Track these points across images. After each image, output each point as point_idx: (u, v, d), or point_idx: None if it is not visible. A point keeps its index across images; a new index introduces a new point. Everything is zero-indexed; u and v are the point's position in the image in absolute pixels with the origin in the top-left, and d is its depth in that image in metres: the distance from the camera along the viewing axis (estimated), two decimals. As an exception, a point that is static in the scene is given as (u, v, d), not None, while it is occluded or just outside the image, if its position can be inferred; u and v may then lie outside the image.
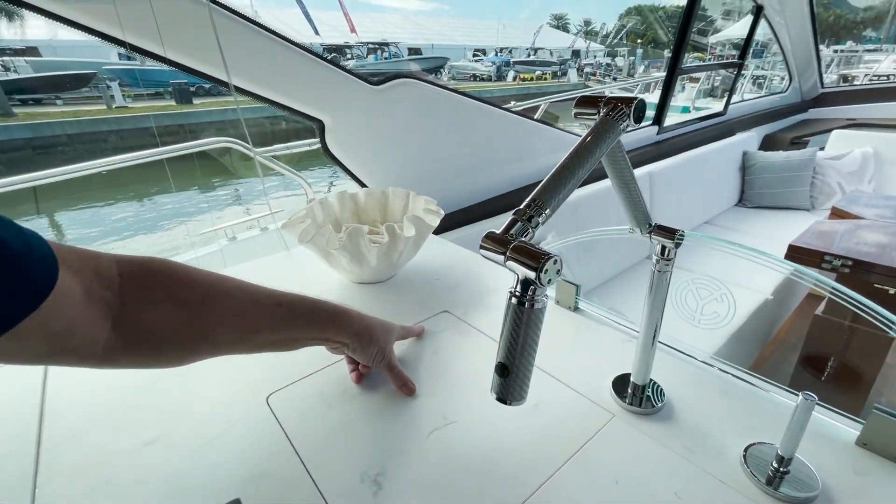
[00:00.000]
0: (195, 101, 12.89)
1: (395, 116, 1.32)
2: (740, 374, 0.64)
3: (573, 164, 0.36)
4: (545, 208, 0.34)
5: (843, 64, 19.45)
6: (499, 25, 42.49)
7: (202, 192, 6.73)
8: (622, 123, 0.38)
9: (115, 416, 0.61)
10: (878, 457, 0.50)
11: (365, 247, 0.84)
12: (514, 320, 0.33)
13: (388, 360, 0.65)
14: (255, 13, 1.37)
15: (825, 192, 2.87)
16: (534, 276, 0.31)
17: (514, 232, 0.33)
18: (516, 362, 0.34)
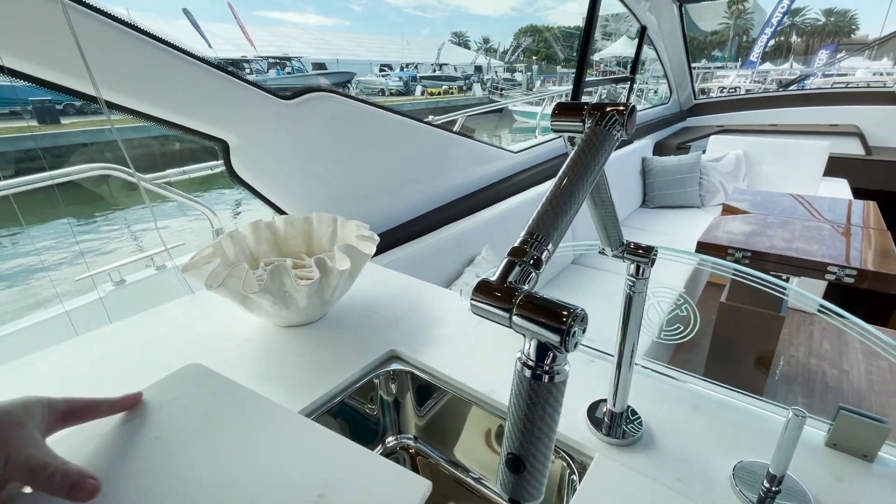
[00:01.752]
0: (63, 122, 11.25)
1: (311, 133, 1.20)
2: (705, 384, 0.63)
3: (571, 185, 0.30)
4: (547, 243, 0.27)
5: (700, 79, 22.63)
6: (402, 41, 43.10)
7: (82, 225, 5.81)
8: (616, 132, 0.33)
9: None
10: (849, 456, 0.51)
11: (291, 286, 0.72)
12: (529, 398, 0.25)
13: (26, 458, 0.36)
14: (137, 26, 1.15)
15: (710, 190, 3.23)
16: (558, 340, 0.23)
17: (514, 279, 0.26)
18: (533, 452, 0.26)
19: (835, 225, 1.93)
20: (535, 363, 0.24)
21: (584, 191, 0.30)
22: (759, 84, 18.84)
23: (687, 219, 2.98)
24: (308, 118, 1.17)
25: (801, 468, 0.49)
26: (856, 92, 4.16)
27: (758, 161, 3.36)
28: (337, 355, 0.73)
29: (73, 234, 5.16)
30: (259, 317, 0.81)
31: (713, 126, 4.45)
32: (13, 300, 4.31)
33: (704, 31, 58.93)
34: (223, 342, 0.78)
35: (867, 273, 1.41)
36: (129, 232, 5.69)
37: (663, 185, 3.25)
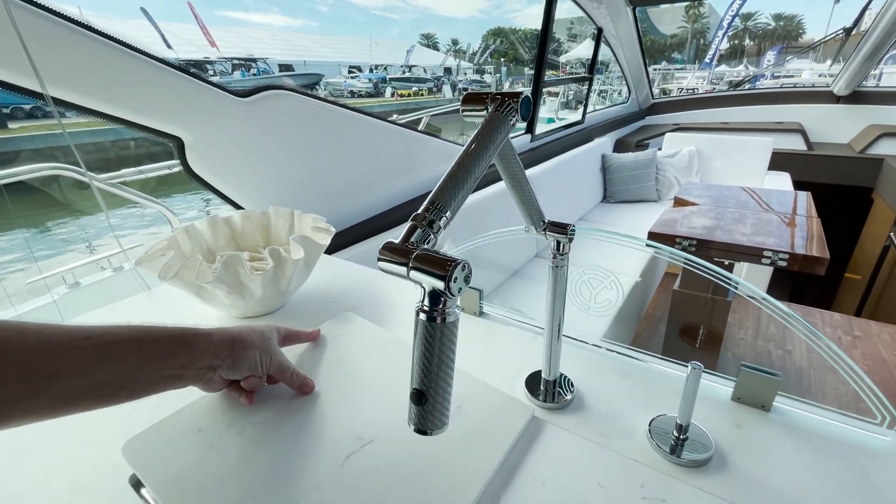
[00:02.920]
0: (11, 126, 10.67)
1: (269, 131, 1.21)
2: (634, 353, 0.69)
3: (469, 162, 0.34)
4: (445, 211, 0.32)
5: (662, 80, 23.53)
6: (371, 43, 42.85)
7: (36, 233, 5.53)
8: (511, 118, 0.38)
9: None
10: (750, 407, 0.57)
11: (246, 276, 0.74)
12: (425, 339, 0.29)
13: (279, 362, 0.56)
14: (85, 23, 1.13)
15: (666, 185, 3.38)
16: (443, 286, 0.27)
17: (415, 240, 0.30)
18: (433, 386, 0.30)
19: (775, 213, 2.07)
20: (430, 308, 0.29)
21: (480, 167, 0.35)
22: (716, 85, 19.73)
23: (644, 212, 3.12)
24: (265, 116, 1.19)
25: (709, 420, 0.55)
26: (799, 91, 4.44)
27: (709, 157, 3.54)
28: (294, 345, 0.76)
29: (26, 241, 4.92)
30: (216, 309, 0.82)
31: (670, 124, 4.65)
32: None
33: (664, 35, 61.14)
34: (180, 335, 0.79)
35: (797, 256, 1.53)
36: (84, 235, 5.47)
37: (622, 181, 3.38)
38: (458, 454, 0.51)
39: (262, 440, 0.52)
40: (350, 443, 0.52)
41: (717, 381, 0.62)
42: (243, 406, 0.57)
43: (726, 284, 0.63)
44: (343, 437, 0.53)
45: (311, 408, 0.58)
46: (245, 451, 0.51)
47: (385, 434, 0.53)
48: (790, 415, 0.56)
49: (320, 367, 0.65)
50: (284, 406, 0.58)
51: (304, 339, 0.70)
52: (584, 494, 0.47)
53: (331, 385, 0.61)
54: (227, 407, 0.57)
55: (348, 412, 0.57)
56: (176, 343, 0.48)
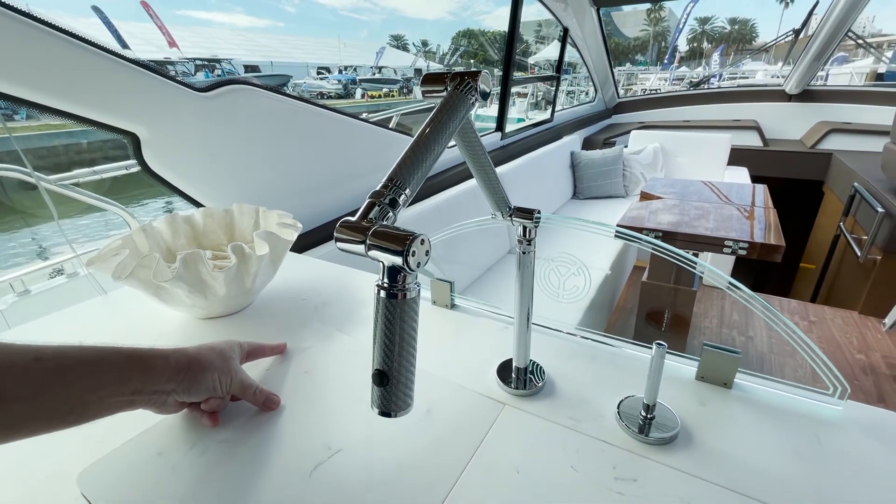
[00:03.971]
0: None
1: (231, 127, 1.17)
2: (603, 339, 0.70)
3: (429, 139, 0.34)
4: (405, 188, 0.31)
5: (626, 81, 24.23)
6: (340, 44, 42.36)
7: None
8: (471, 97, 0.37)
9: None
10: (713, 385, 0.59)
11: (207, 273, 0.71)
12: (386, 316, 0.29)
13: (240, 380, 0.55)
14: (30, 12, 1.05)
15: (633, 180, 3.48)
16: (401, 261, 0.27)
17: (373, 216, 0.29)
18: (395, 365, 0.29)
19: (734, 205, 2.16)
20: (389, 285, 0.28)
21: (440, 144, 0.34)
22: (677, 85, 20.46)
23: (613, 207, 3.19)
24: (227, 111, 1.15)
25: (675, 399, 0.57)
26: (754, 91, 4.64)
27: (673, 153, 3.66)
28: (261, 340, 0.73)
29: (-30, 252, 4.60)
30: (177, 310, 0.79)
31: (635, 123, 4.79)
32: None
33: (628, 37, 62.97)
34: (139, 338, 0.75)
35: (756, 245, 1.60)
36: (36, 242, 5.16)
37: (591, 178, 3.46)
38: (430, 457, 0.50)
39: (226, 458, 0.50)
40: (317, 453, 0.50)
41: (683, 361, 0.63)
42: (206, 426, 0.55)
43: (692, 269, 0.64)
44: (310, 448, 0.51)
45: (277, 421, 0.56)
46: (208, 471, 0.49)
47: (353, 442, 0.52)
48: (750, 390, 0.58)
49: (286, 380, 0.63)
50: (249, 422, 0.56)
51: (269, 353, 0.67)
52: (558, 478, 0.47)
53: (297, 397, 0.60)
54: (189, 427, 0.55)
55: (315, 423, 0.55)
56: (131, 367, 0.45)
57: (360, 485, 0.47)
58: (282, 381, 0.63)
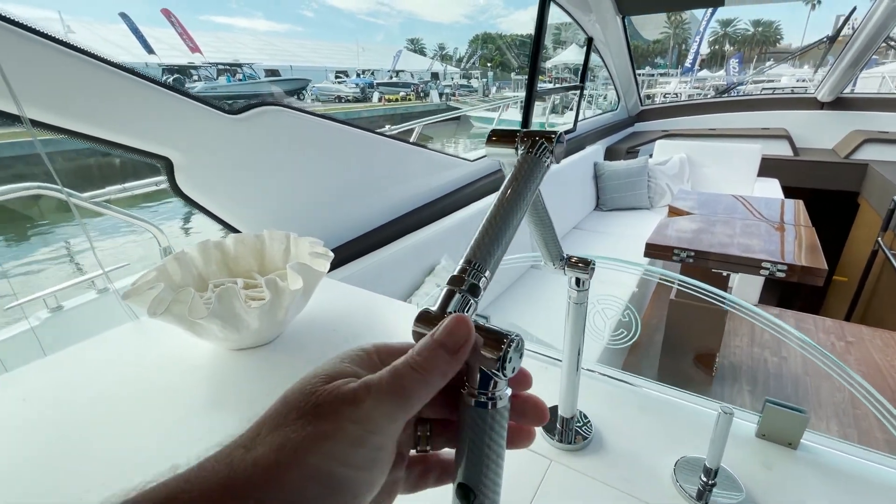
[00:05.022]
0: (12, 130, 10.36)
1: (261, 148, 1.17)
2: (651, 385, 0.66)
3: (506, 214, 0.31)
4: (484, 271, 0.28)
5: (646, 86, 23.93)
6: (358, 48, 42.83)
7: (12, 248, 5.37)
8: (546, 160, 0.34)
9: None
10: (776, 445, 0.55)
11: (241, 308, 0.70)
12: (474, 426, 0.26)
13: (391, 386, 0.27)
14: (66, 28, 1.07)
15: (658, 192, 3.40)
16: (496, 367, 0.24)
17: (453, 307, 0.26)
18: (483, 481, 0.26)
19: (768, 223, 2.08)
20: (479, 391, 0.25)
21: (518, 217, 0.31)
22: (699, 90, 20.08)
23: (637, 220, 3.13)
24: (257, 132, 1.15)
25: (734, 458, 0.53)
26: (783, 98, 4.52)
27: (700, 163, 3.58)
28: (292, 377, 0.71)
29: (2, 256, 4.75)
30: (209, 342, 0.78)
31: (659, 131, 4.70)
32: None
33: (647, 40, 62.20)
34: (171, 370, 0.74)
35: (796, 268, 1.54)
36: (69, 253, 5.30)
37: (614, 189, 3.39)
38: None
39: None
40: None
41: (741, 415, 0.59)
42: None
43: (720, 303, 0.61)
44: None
45: None
46: None
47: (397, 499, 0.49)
48: (819, 453, 0.54)
49: None
50: None
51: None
52: (613, 550, 0.44)
53: None
54: None
55: None
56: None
57: None
58: None
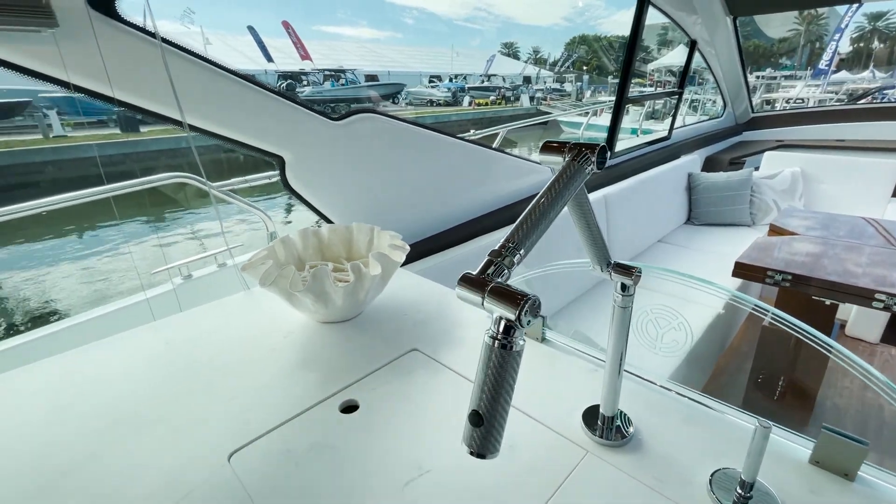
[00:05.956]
0: (142, 130, 12.38)
1: (357, 151, 1.32)
2: (701, 398, 0.67)
3: (545, 206, 0.38)
4: (519, 249, 0.36)
5: (764, 90, 21.43)
6: (452, 53, 43.89)
7: (155, 227, 6.40)
8: (587, 168, 0.40)
9: (59, 493, 0.55)
10: (830, 474, 0.53)
11: (330, 287, 0.82)
12: (491, 364, 0.33)
13: None
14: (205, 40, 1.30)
15: (763, 208, 3.10)
16: (514, 317, 0.31)
17: (490, 273, 0.34)
18: (492, 410, 0.33)
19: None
20: (500, 336, 0.33)
21: (555, 211, 0.38)
22: (833, 95, 17.52)
23: (734, 237, 2.88)
24: (354, 137, 1.30)
25: (780, 480, 0.53)
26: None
27: (816, 179, 3.19)
28: (365, 350, 0.83)
29: (154, 232, 5.71)
30: (302, 313, 0.92)
31: (772, 141, 4.25)
32: (102, 289, 4.96)
33: (772, 39, 55.53)
34: (272, 333, 0.90)
35: (919, 302, 1.34)
36: (192, 232, 6.21)
37: (710, 202, 3.16)
38: (510, 492, 0.53)
39: (334, 462, 0.59)
40: (410, 470, 0.57)
41: (795, 439, 0.58)
42: (325, 429, 0.62)
43: (821, 347, 0.58)
44: (405, 464, 0.58)
45: (380, 433, 0.63)
46: (319, 471, 0.57)
47: (442, 465, 0.57)
48: (879, 488, 0.51)
49: (391, 399, 0.70)
50: (357, 433, 0.63)
51: None
52: (635, 538, 0.47)
53: (397, 417, 0.66)
54: (314, 428, 0.64)
55: (411, 442, 0.61)
56: None
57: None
58: (386, 400, 0.70)
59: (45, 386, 0.75)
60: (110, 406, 0.69)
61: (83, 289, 5.09)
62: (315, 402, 0.70)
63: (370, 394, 0.72)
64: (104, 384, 0.75)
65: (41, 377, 0.77)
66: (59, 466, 0.58)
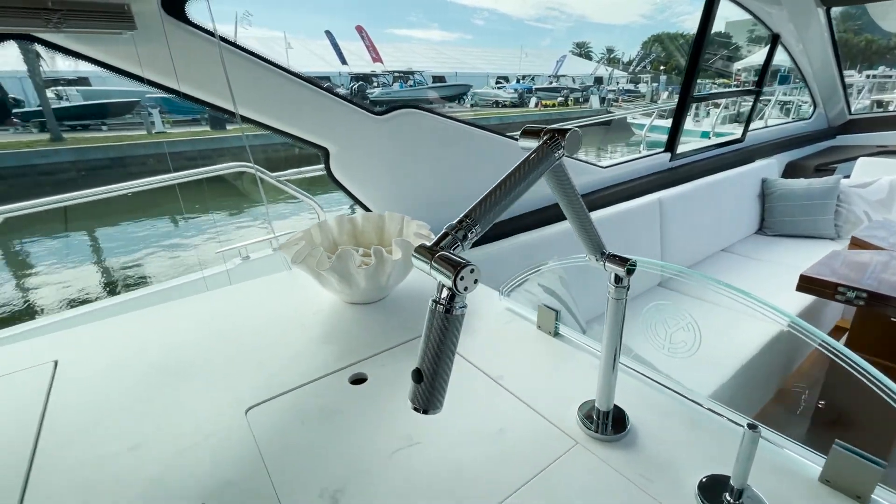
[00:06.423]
0: (228, 127, 13.54)
1: (397, 144, 1.38)
2: (706, 402, 0.63)
3: (506, 186, 0.39)
4: (476, 225, 0.37)
5: (877, 89, 18.96)
6: (521, 54, 43.37)
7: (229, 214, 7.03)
8: (556, 152, 0.41)
9: (108, 423, 0.65)
10: (840, 494, 0.49)
11: (354, 268, 0.88)
12: (435, 327, 0.36)
13: None
14: (287, 45, 1.43)
15: (851, 220, 2.77)
16: (450, 283, 0.33)
17: (444, 245, 0.36)
18: (431, 368, 0.36)
19: None
20: (441, 300, 0.35)
21: (517, 191, 0.39)
22: (963, 96, 15.11)
23: (813, 250, 2.60)
24: (396, 131, 1.35)
25: (785, 497, 0.49)
26: None
27: (921, 190, 2.79)
28: (383, 330, 0.88)
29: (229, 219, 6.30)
30: (331, 292, 0.99)
31: (871, 146, 3.78)
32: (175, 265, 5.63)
33: (889, 33, 49.01)
34: (304, 309, 0.97)
35: None
36: (253, 220, 6.79)
37: (787, 211, 2.88)
38: (490, 471, 0.55)
39: (336, 426, 0.63)
40: (400, 440, 0.60)
41: (807, 455, 0.54)
42: (334, 396, 0.67)
43: (888, 396, 0.51)
44: (397, 434, 0.61)
45: (379, 407, 0.67)
46: (322, 432, 0.62)
47: (432, 439, 0.60)
48: (894, 515, 0.46)
49: (400, 376, 0.74)
50: (362, 402, 0.68)
51: None
52: (608, 528, 0.47)
53: (399, 393, 0.70)
54: (322, 396, 0.70)
55: (407, 415, 0.64)
56: None
57: (426, 475, 0.55)
58: (395, 377, 0.74)
59: (114, 338, 0.87)
60: (160, 359, 0.80)
61: (167, 263, 5.83)
62: (329, 372, 0.75)
63: (380, 369, 0.76)
64: (156, 341, 0.86)
65: (113, 332, 0.90)
66: (121, 403, 0.69)
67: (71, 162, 11.02)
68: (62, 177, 10.71)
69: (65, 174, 10.78)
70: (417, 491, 0.53)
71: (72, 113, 13.47)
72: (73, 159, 11.06)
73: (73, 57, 0.86)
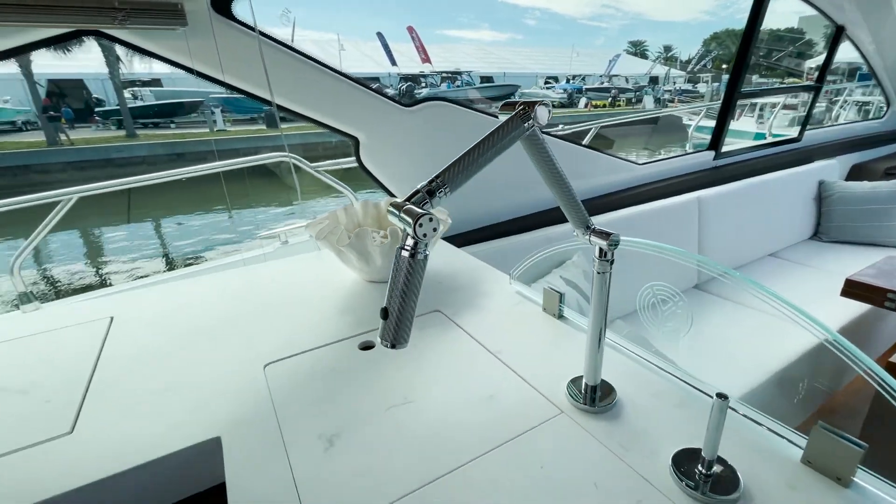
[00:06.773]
0: (282, 126, 14.23)
1: (424, 135, 1.43)
2: (699, 384, 0.64)
3: (475, 152, 0.43)
4: (445, 186, 0.41)
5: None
6: (572, 53, 42.46)
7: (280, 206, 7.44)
8: (525, 122, 0.44)
9: (150, 368, 0.74)
10: (820, 475, 0.49)
11: (371, 246, 0.94)
12: (398, 267, 0.40)
13: None
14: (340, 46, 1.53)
15: (921, 228, 2.54)
16: (411, 230, 0.38)
17: (414, 201, 0.41)
18: (403, 307, 0.40)
19: None
20: (405, 246, 0.39)
21: (485, 157, 0.43)
22: None
23: (872, 259, 2.40)
24: (423, 123, 1.41)
25: (766, 477, 0.49)
26: None
27: None
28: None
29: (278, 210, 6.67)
30: (353, 270, 1.05)
31: (955, 148, 3.43)
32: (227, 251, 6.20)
33: None
34: (328, 284, 1.04)
35: None
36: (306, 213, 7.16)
37: (847, 216, 2.68)
38: (473, 430, 0.58)
39: (343, 382, 0.69)
40: (395, 398, 0.65)
41: (792, 436, 0.53)
42: (344, 359, 0.74)
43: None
44: (393, 392, 0.66)
45: (381, 370, 0.72)
46: (329, 387, 0.68)
47: (424, 401, 0.64)
48: (874, 498, 0.46)
49: (407, 350, 0.77)
50: (371, 364, 0.74)
51: None
52: (577, 487, 0.49)
53: (401, 359, 0.75)
54: (336, 358, 0.76)
55: (406, 378, 0.70)
56: None
57: (415, 429, 0.59)
58: (402, 350, 0.78)
59: (160, 302, 0.98)
60: (197, 319, 0.89)
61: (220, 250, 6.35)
62: (342, 338, 0.81)
63: None
64: (196, 305, 0.96)
65: (159, 297, 1.01)
66: (162, 353, 0.79)
67: (142, 156, 12.03)
68: (134, 170, 11.74)
69: (137, 167, 11.80)
70: (404, 440, 0.57)
71: (145, 112, 14.69)
72: (144, 154, 12.08)
73: (132, 50, 0.98)
